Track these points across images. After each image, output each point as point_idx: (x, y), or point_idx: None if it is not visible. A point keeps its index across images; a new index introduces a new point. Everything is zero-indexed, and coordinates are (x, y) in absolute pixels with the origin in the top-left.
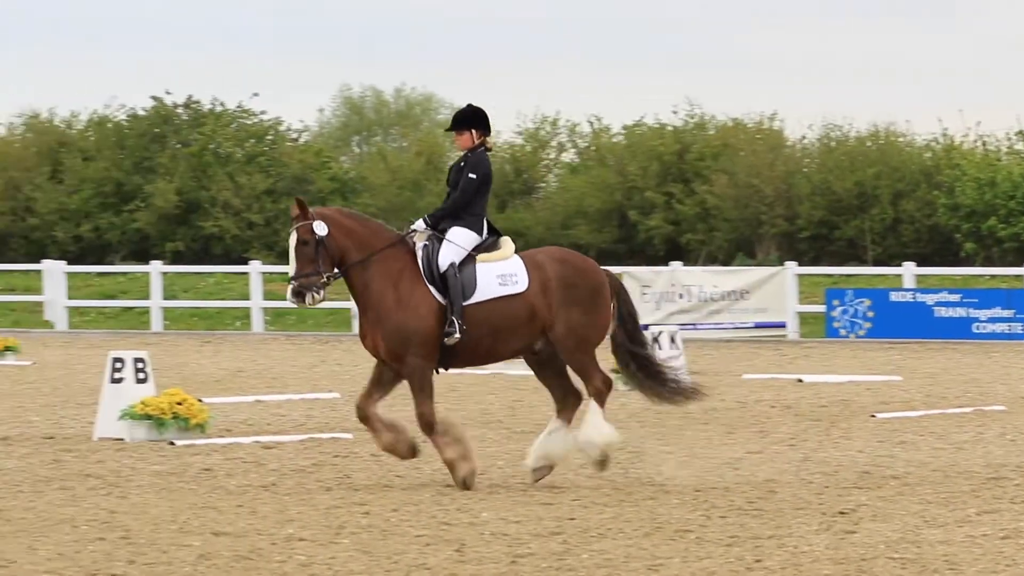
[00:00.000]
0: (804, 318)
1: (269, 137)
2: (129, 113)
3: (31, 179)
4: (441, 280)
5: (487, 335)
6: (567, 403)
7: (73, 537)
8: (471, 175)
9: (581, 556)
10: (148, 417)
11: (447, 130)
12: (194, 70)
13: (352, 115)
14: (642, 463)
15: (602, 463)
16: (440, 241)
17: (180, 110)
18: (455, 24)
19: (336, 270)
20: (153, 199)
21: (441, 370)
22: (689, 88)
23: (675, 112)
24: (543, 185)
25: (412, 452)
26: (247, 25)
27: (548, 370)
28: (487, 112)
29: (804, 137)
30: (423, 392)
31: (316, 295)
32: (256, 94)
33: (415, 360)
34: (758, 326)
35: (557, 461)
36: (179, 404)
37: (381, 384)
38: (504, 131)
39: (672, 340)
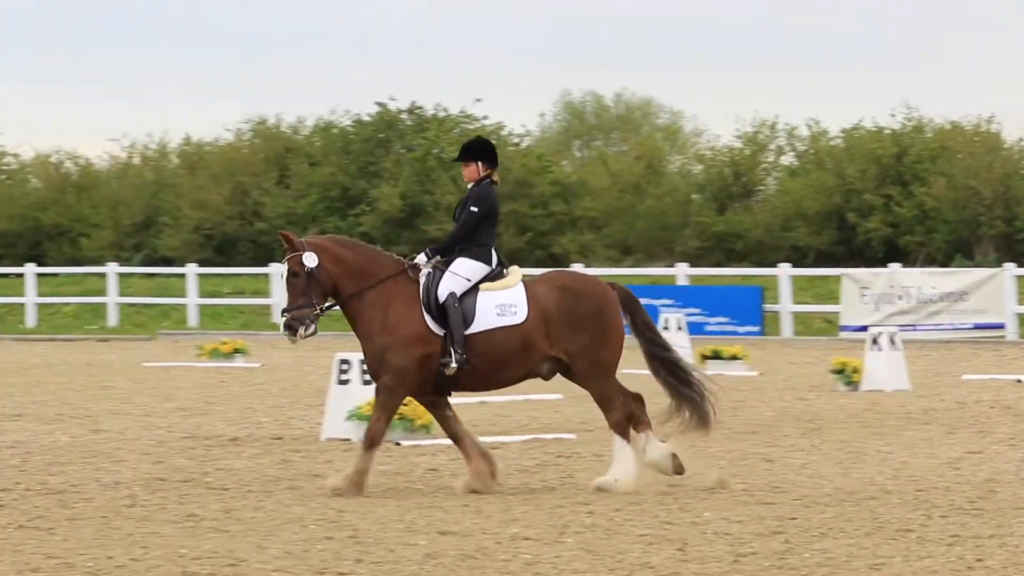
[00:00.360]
0: (1023, 319)
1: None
2: (354, 119)
3: (259, 184)
4: (439, 310)
5: (484, 364)
6: (635, 415)
7: (302, 536)
8: (473, 208)
9: (803, 555)
10: None
11: (454, 160)
12: (417, 76)
13: (573, 120)
14: (863, 464)
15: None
16: (443, 271)
17: (404, 115)
18: (674, 28)
19: (330, 300)
20: (378, 203)
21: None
22: (905, 91)
23: (893, 115)
24: (762, 188)
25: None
26: (469, 32)
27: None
28: (494, 145)
29: (1022, 139)
30: (384, 410)
31: (308, 328)
32: (479, 99)
33: (390, 381)
34: (977, 327)
35: (666, 468)
36: (405, 405)
37: (440, 402)
38: (723, 135)
39: (892, 341)
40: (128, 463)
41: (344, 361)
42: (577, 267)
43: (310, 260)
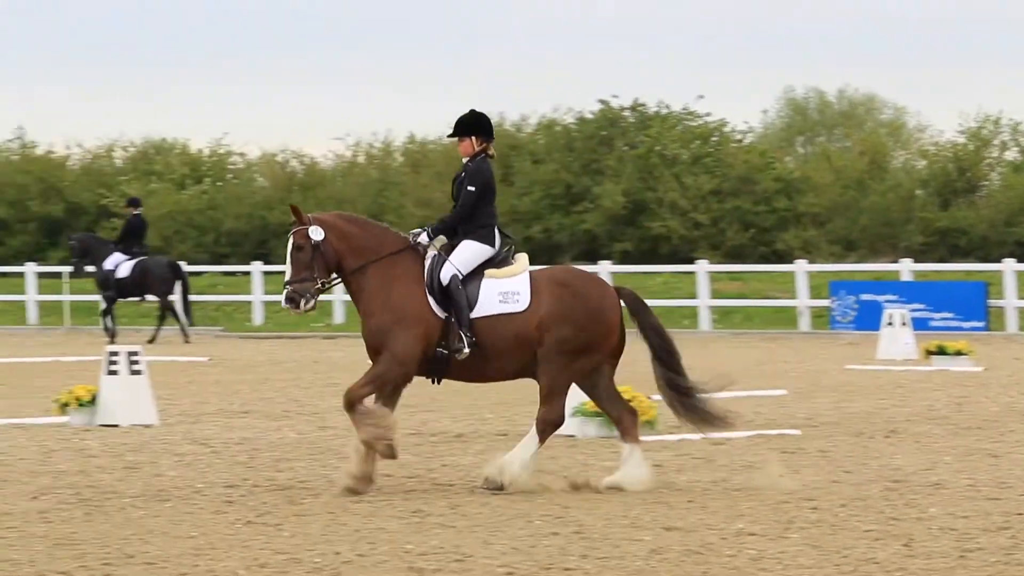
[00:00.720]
0: None
1: (714, 138)
2: (577, 116)
3: None
4: (442, 293)
5: (479, 351)
6: (625, 423)
7: (527, 532)
8: (470, 187)
9: None
10: (599, 415)
11: (448, 136)
12: (639, 73)
13: (796, 116)
14: None
15: (495, 485)
16: (448, 253)
17: (627, 113)
18: (896, 24)
19: (334, 275)
20: (601, 200)
21: (435, 382)
22: None
23: None
24: (986, 183)
25: (391, 451)
26: (691, 29)
27: (597, 393)
28: (489, 118)
29: None
30: (372, 383)
31: (308, 302)
32: (701, 96)
33: (389, 357)
34: None
35: (645, 486)
36: (629, 401)
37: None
38: (947, 130)
39: None
40: (354, 459)
41: None
42: (800, 263)
43: (316, 234)
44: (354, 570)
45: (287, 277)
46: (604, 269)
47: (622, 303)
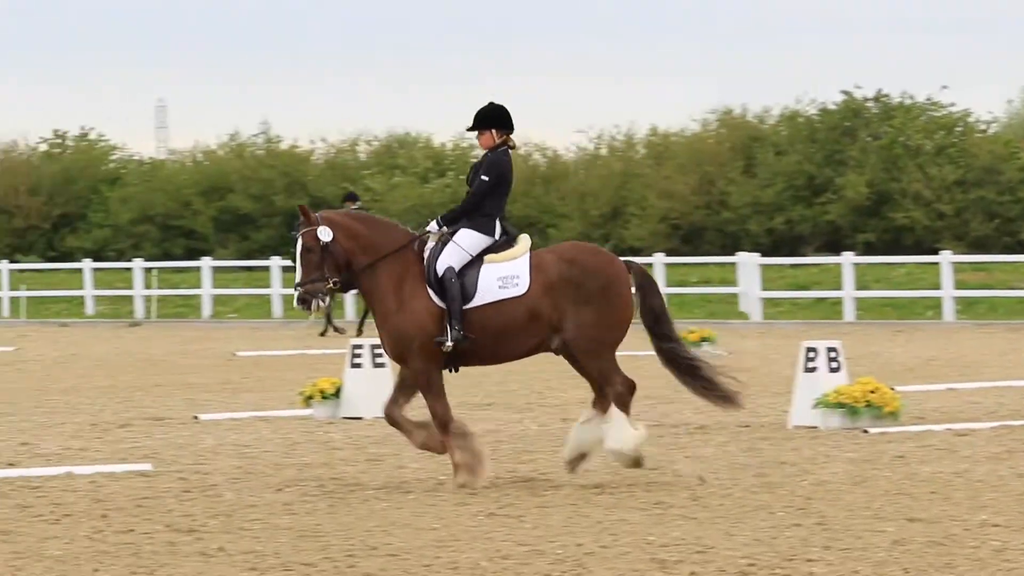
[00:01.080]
0: None
1: (958, 128)
2: (820, 107)
3: (725, 174)
4: (438, 284)
5: (488, 338)
6: (604, 393)
7: (769, 523)
8: (484, 177)
9: None
10: (841, 406)
11: (468, 129)
12: (883, 64)
13: None
14: None
15: (636, 464)
16: (446, 244)
17: (870, 103)
18: None
19: (342, 274)
20: (844, 191)
21: (452, 370)
22: None
23: None
24: None
25: (444, 447)
26: (935, 18)
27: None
28: (508, 111)
29: None
30: (431, 392)
31: (322, 302)
32: (945, 87)
33: (417, 362)
34: None
35: (590, 451)
36: (872, 392)
37: (404, 388)
38: None
39: None
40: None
41: (811, 349)
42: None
43: (324, 235)
44: (596, 562)
45: (298, 279)
46: (847, 260)
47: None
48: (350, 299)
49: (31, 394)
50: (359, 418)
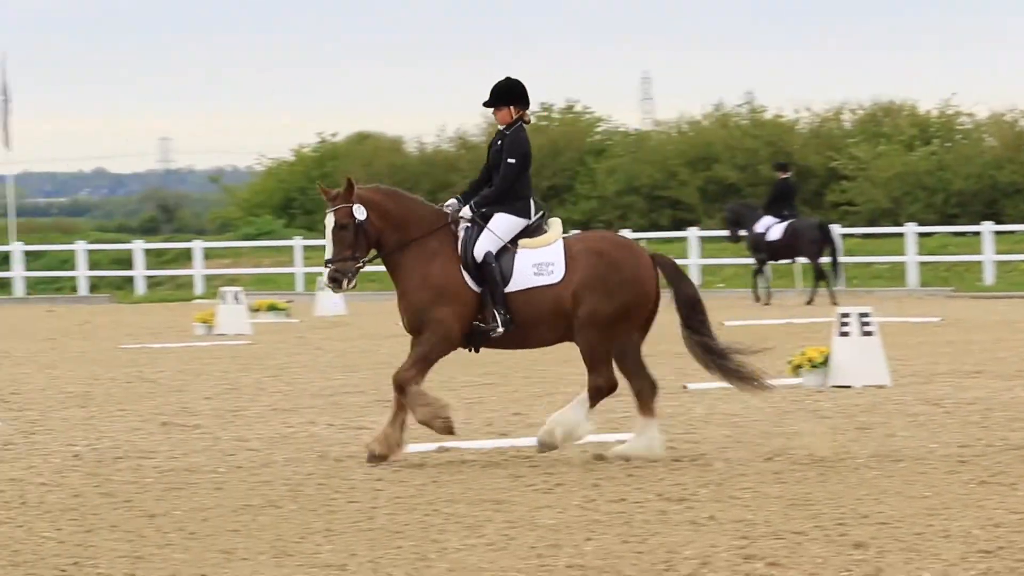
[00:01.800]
0: None
1: None
2: None
3: None
4: (477, 269)
5: (518, 324)
6: (644, 396)
7: None
8: (510, 160)
9: None
10: None
11: (484, 104)
12: None
13: None
14: None
15: (548, 447)
16: (481, 228)
17: None
18: None
19: (372, 253)
20: None
21: (474, 350)
22: None
23: None
24: None
25: (449, 427)
26: None
27: (625, 361)
28: (525, 85)
29: None
30: (420, 362)
31: (351, 281)
32: None
33: (432, 336)
34: None
35: (651, 456)
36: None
37: None
38: None
39: None
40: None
41: None
42: None
43: (359, 213)
44: None
45: (329, 255)
46: None
47: (659, 271)
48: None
49: (524, 365)
50: (848, 386)
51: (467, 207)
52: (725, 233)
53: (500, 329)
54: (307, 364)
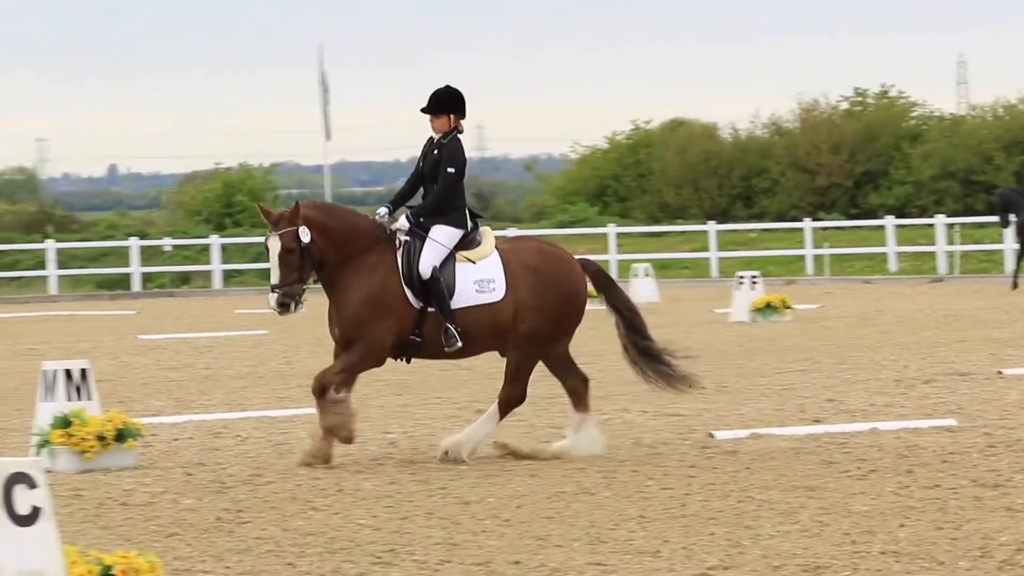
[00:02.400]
0: None
1: None
2: None
3: None
4: (421, 285)
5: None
6: (579, 392)
7: None
8: (450, 169)
9: None
10: None
11: (422, 110)
12: None
13: None
14: None
15: (455, 459)
16: (422, 240)
17: None
18: None
19: (315, 273)
20: None
21: (405, 361)
22: None
23: None
24: None
25: (349, 440)
26: None
27: (552, 362)
28: (464, 94)
29: None
30: (345, 371)
31: (299, 304)
32: None
33: (363, 348)
34: None
35: (594, 453)
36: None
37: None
38: None
39: None
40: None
41: None
42: None
43: (305, 236)
44: None
45: (276, 280)
46: None
47: (587, 280)
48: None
49: (835, 351)
50: None
51: (403, 218)
52: None
53: (459, 345)
54: (620, 351)
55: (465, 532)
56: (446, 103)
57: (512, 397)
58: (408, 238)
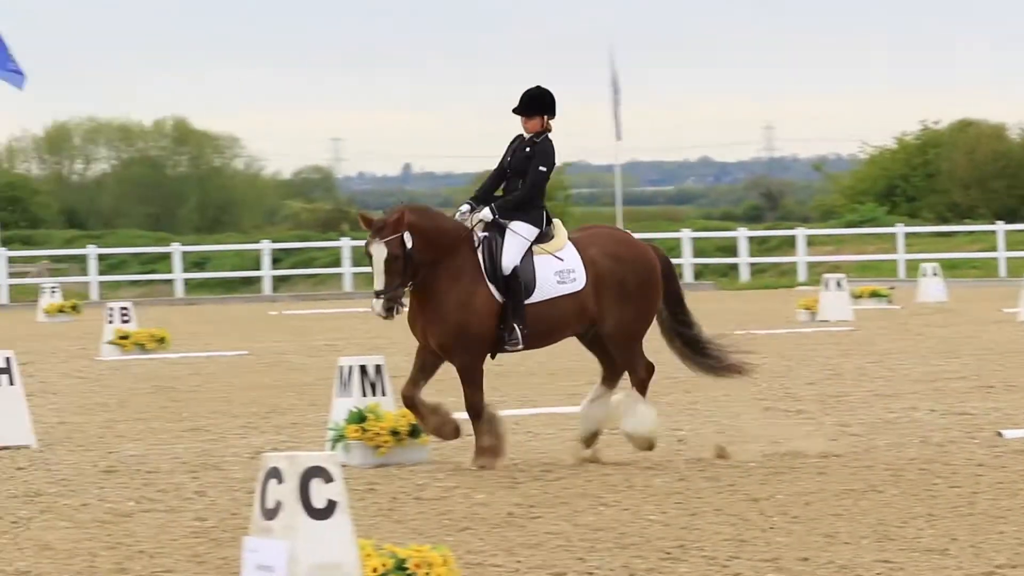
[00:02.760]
0: None
1: None
2: None
3: None
4: (504, 280)
5: (540, 330)
6: (613, 372)
7: None
8: (541, 167)
9: None
10: None
11: (514, 111)
12: None
13: None
14: None
15: (648, 447)
16: (502, 235)
17: None
18: None
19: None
20: None
21: (491, 356)
22: None
23: None
24: None
25: (456, 433)
26: None
27: (597, 345)
28: (554, 95)
29: None
30: (474, 384)
31: (401, 309)
32: None
33: (466, 356)
34: None
35: (601, 427)
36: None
37: (425, 371)
38: None
39: None
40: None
41: None
42: None
43: (409, 242)
44: None
45: (380, 287)
46: None
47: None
48: None
49: None
50: None
51: (487, 210)
52: None
53: (520, 346)
54: (908, 350)
55: (753, 529)
56: (539, 104)
57: (642, 379)
58: (487, 233)
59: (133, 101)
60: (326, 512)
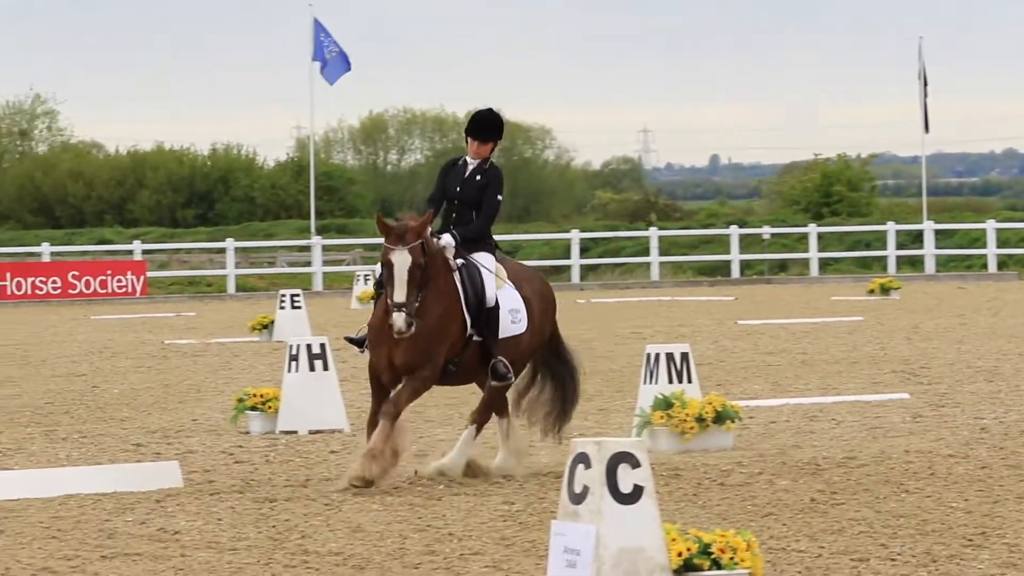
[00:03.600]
0: None
1: None
2: None
3: None
4: (480, 311)
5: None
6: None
7: None
8: (499, 196)
9: None
10: None
11: (470, 136)
12: None
13: None
14: None
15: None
16: (477, 267)
17: None
18: None
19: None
20: None
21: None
22: None
23: None
24: None
25: (389, 464)
26: None
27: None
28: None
29: None
30: (415, 394)
31: (419, 323)
32: None
33: (428, 376)
34: None
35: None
36: None
37: (384, 391)
38: None
39: None
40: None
41: None
42: None
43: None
44: None
45: (401, 298)
46: None
47: None
48: None
49: None
50: None
51: (448, 236)
52: None
53: (513, 380)
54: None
55: None
56: (496, 129)
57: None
58: (462, 261)
59: (446, 91)
60: (633, 497)
